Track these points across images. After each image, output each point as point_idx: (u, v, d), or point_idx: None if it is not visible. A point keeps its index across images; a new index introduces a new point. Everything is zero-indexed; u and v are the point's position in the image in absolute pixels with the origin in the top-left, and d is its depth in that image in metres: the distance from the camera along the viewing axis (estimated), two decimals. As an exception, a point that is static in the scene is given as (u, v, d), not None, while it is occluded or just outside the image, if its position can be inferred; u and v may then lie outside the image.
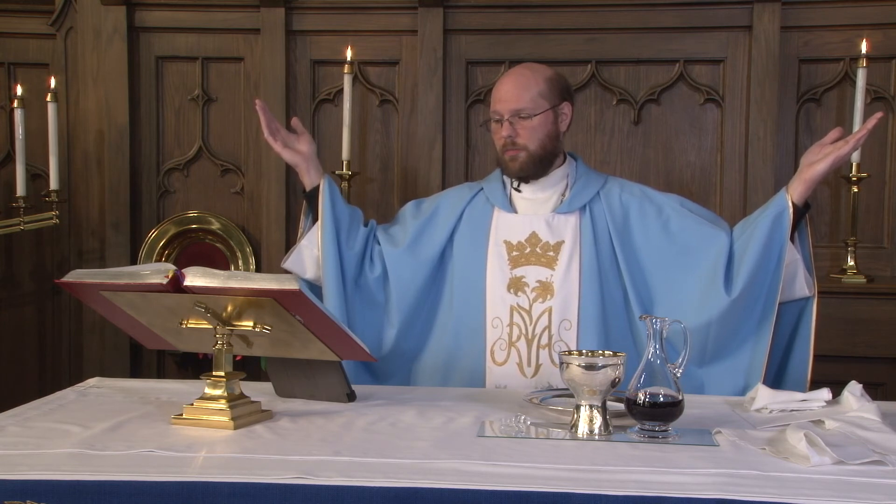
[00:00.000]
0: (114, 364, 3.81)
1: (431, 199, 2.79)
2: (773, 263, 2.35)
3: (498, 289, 2.51)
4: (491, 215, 2.60)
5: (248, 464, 1.58)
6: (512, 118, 2.52)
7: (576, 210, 2.55)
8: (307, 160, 2.62)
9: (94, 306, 2.02)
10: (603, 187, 2.59)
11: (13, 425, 1.83)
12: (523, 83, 2.54)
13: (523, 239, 2.53)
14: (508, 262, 2.52)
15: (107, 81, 3.86)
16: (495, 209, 2.61)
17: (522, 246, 2.53)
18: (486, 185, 2.69)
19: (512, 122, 2.52)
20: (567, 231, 2.52)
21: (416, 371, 2.59)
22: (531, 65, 2.65)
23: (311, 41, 3.86)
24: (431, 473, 1.53)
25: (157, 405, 2.02)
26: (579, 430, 1.79)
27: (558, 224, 2.54)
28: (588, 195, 2.56)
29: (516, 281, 2.50)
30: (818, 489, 1.46)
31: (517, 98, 2.52)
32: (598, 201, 2.56)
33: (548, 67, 2.63)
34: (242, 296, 1.80)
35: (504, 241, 2.55)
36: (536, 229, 2.54)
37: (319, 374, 2.03)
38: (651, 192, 2.62)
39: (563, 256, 2.49)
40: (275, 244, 3.83)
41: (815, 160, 2.36)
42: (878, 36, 3.56)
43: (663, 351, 1.82)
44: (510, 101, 2.53)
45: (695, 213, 2.56)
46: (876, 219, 3.66)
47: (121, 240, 3.87)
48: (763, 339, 2.38)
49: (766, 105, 3.62)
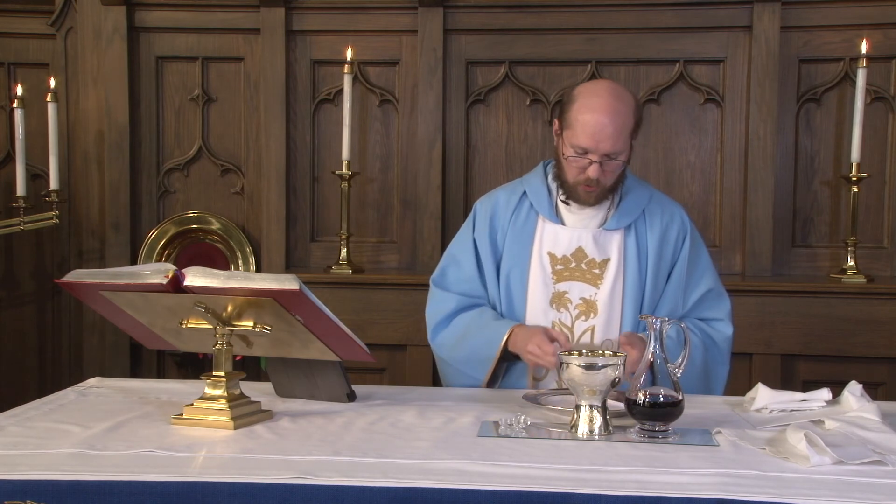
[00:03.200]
0: (114, 364, 3.81)
1: (483, 216, 2.55)
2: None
3: (540, 302, 2.43)
4: (535, 223, 2.48)
5: (248, 464, 1.59)
6: (602, 160, 2.33)
7: (622, 227, 2.45)
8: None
9: (94, 306, 2.02)
10: (648, 205, 2.49)
11: (13, 425, 1.83)
12: (620, 124, 2.32)
13: (569, 253, 2.44)
14: (552, 275, 2.43)
15: (107, 81, 3.86)
16: (540, 217, 2.48)
17: (567, 260, 2.44)
18: (528, 188, 2.53)
19: (602, 164, 2.35)
20: (613, 248, 2.43)
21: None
22: (622, 94, 2.38)
23: (311, 41, 3.86)
24: (431, 473, 1.53)
25: (157, 405, 2.02)
26: (579, 430, 1.79)
27: (604, 241, 2.44)
28: (635, 213, 2.47)
29: (559, 296, 2.42)
30: (818, 489, 1.46)
31: (614, 142, 2.32)
32: (642, 220, 2.48)
33: (632, 96, 2.42)
34: (242, 296, 1.80)
35: (549, 252, 2.45)
36: (583, 244, 2.44)
37: (319, 374, 2.03)
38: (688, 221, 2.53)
39: (609, 275, 2.41)
40: (275, 244, 3.83)
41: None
42: (878, 36, 3.56)
43: (663, 351, 1.82)
44: (606, 143, 2.31)
45: (699, 267, 2.51)
46: (876, 219, 3.67)
47: (121, 240, 3.87)
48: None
49: (766, 105, 3.62)
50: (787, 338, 3.42)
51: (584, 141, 2.32)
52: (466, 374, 2.43)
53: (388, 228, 3.90)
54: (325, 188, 3.89)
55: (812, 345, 3.42)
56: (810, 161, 3.71)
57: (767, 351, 3.43)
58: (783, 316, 3.43)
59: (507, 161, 3.79)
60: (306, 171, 3.88)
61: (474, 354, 2.40)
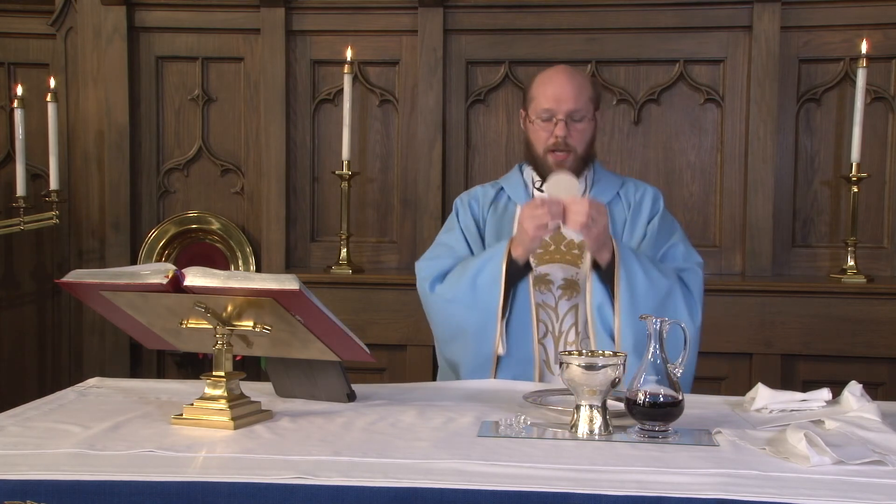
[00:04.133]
0: (114, 364, 3.81)
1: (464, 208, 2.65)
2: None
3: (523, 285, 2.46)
4: (514, 212, 2.55)
5: (248, 464, 1.58)
6: (567, 119, 2.45)
7: None
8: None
9: (94, 306, 2.02)
10: (621, 188, 2.58)
11: (13, 425, 1.83)
12: (578, 84, 2.48)
13: (547, 237, 2.48)
14: (533, 259, 2.47)
15: (107, 81, 3.86)
16: (518, 206, 2.55)
17: (547, 244, 2.49)
18: (505, 184, 2.64)
19: (567, 123, 2.45)
20: None
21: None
22: (575, 68, 2.59)
23: (311, 41, 3.86)
24: (431, 473, 1.53)
25: (157, 405, 2.02)
26: (579, 430, 1.79)
27: None
28: (608, 196, 2.54)
29: (541, 279, 2.47)
30: (818, 489, 1.46)
31: (575, 99, 2.45)
32: (617, 202, 2.56)
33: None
34: (242, 296, 1.80)
35: None
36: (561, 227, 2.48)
37: (319, 374, 2.03)
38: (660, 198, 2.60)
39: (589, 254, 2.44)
40: (275, 244, 3.84)
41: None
42: (878, 36, 3.56)
43: (663, 351, 1.82)
44: (568, 101, 2.45)
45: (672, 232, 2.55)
46: (876, 219, 3.67)
47: (121, 240, 3.87)
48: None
49: (766, 105, 3.62)
50: (787, 338, 3.42)
51: (547, 103, 2.47)
52: (477, 307, 2.40)
53: (388, 228, 3.90)
54: (325, 188, 3.89)
55: (812, 345, 3.42)
56: (810, 161, 3.71)
57: (767, 351, 3.43)
58: (783, 316, 3.43)
59: (506, 161, 3.79)
60: (306, 172, 3.89)
61: (480, 275, 2.40)
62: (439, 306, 2.49)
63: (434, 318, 2.53)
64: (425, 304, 2.54)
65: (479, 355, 2.43)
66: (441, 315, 2.50)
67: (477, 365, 2.43)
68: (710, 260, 3.72)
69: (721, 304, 3.39)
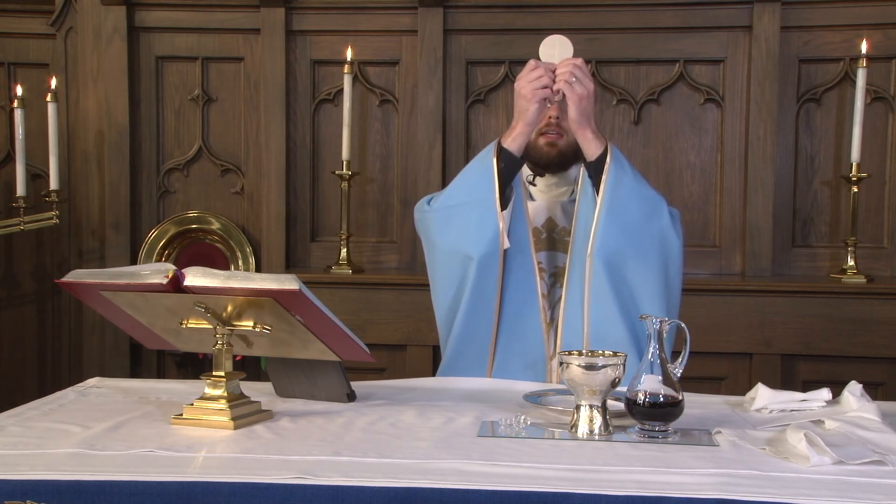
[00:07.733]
0: (114, 364, 3.81)
1: None
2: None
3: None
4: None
5: (248, 464, 1.58)
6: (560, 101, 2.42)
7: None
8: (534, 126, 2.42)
9: (94, 306, 2.02)
10: None
11: (13, 425, 1.83)
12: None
13: (539, 225, 2.50)
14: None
15: (107, 81, 3.86)
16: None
17: (539, 231, 2.50)
18: None
19: (560, 105, 2.43)
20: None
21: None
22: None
23: (311, 41, 3.86)
24: (431, 473, 1.53)
25: (157, 405, 2.02)
26: (579, 430, 1.79)
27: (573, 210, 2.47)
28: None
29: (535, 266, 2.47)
30: (818, 489, 1.46)
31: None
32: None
33: None
34: (242, 296, 1.80)
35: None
36: (553, 215, 2.51)
37: (319, 374, 2.03)
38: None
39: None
40: (275, 244, 3.84)
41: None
42: (878, 36, 3.56)
43: (663, 351, 1.82)
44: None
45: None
46: (876, 219, 3.67)
47: (121, 240, 3.87)
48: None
49: (766, 105, 3.62)
50: (787, 338, 3.42)
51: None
52: (473, 207, 2.37)
53: (388, 228, 3.90)
54: (325, 188, 3.89)
55: (812, 345, 3.42)
56: (810, 161, 3.71)
57: (767, 351, 3.43)
58: (783, 316, 3.43)
59: (507, 161, 3.79)
60: (306, 171, 3.89)
61: (473, 173, 2.39)
62: (439, 215, 2.45)
63: (434, 233, 2.47)
64: (423, 225, 2.50)
65: (482, 274, 2.37)
66: (441, 223, 2.45)
67: (482, 297, 2.39)
68: (710, 260, 3.73)
69: (721, 304, 3.40)
